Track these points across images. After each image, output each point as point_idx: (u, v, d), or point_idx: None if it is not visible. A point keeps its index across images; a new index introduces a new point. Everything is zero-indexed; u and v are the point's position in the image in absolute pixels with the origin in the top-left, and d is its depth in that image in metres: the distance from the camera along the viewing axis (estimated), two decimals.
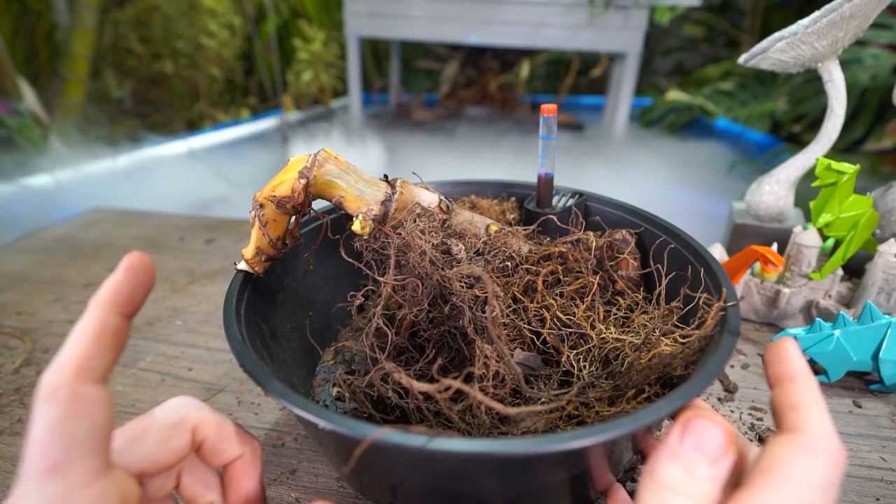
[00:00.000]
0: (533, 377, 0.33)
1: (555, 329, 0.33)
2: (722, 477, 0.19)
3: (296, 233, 0.34)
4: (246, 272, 0.33)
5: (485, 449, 0.19)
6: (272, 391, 0.23)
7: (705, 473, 0.19)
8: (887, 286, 0.47)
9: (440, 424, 0.29)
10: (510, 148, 2.10)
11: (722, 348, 0.25)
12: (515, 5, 1.92)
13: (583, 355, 0.32)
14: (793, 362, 0.21)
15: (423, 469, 0.24)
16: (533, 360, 0.33)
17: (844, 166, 0.46)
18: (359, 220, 0.31)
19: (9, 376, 0.45)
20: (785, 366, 0.21)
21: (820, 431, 0.19)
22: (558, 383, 0.32)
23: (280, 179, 0.31)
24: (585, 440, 0.19)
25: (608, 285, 0.37)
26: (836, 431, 0.19)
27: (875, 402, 0.42)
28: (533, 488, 0.24)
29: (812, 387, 0.21)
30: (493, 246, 0.34)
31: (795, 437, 0.19)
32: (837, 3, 0.45)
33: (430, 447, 0.19)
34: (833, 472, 0.18)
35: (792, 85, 1.82)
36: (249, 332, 0.29)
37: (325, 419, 0.21)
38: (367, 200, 0.32)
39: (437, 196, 0.35)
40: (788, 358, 0.21)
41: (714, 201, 1.54)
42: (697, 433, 0.19)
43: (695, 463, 0.19)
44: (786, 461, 0.18)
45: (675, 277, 0.35)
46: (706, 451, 0.19)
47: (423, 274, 0.30)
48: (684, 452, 0.19)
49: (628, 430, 0.20)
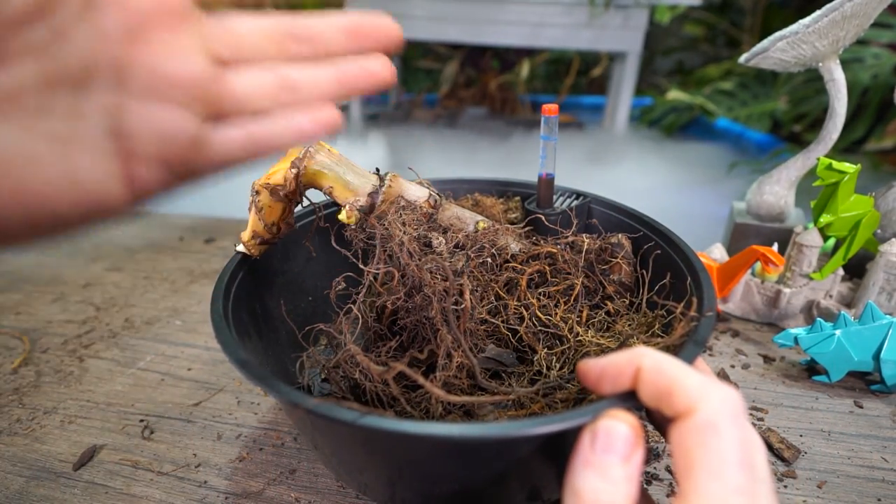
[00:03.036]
0: (504, 373, 0.33)
1: (532, 328, 0.33)
2: (637, 473, 0.19)
3: (290, 219, 0.35)
4: (243, 255, 0.34)
5: (410, 430, 0.20)
6: (230, 355, 0.25)
7: (620, 474, 0.19)
8: (888, 286, 0.47)
9: (421, 414, 0.30)
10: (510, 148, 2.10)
11: (682, 358, 0.24)
12: (515, 5, 1.92)
13: (556, 356, 0.33)
14: (618, 360, 0.21)
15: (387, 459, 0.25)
16: (506, 357, 0.33)
17: (845, 166, 0.45)
18: (345, 210, 0.33)
19: (8, 376, 0.45)
20: (623, 366, 0.21)
21: (706, 403, 0.18)
22: (529, 381, 0.33)
23: (275, 168, 0.33)
24: (491, 431, 0.20)
25: (598, 289, 0.36)
26: (711, 380, 0.19)
27: (876, 402, 0.42)
28: (494, 483, 0.24)
29: (656, 360, 0.20)
30: (476, 241, 0.34)
31: (691, 422, 0.18)
32: (838, 3, 0.45)
33: (360, 423, 0.20)
34: (740, 431, 0.18)
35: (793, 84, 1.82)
36: (236, 309, 0.31)
37: (269, 385, 0.22)
38: (355, 191, 0.33)
39: (427, 191, 0.35)
40: (613, 362, 0.21)
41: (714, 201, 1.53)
42: (605, 434, 0.19)
43: (608, 466, 0.19)
44: (698, 454, 0.18)
45: (666, 285, 0.34)
46: (616, 450, 0.19)
47: (402, 264, 0.31)
48: (596, 458, 0.19)
49: (529, 430, 0.20)
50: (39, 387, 0.44)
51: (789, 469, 0.36)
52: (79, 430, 0.39)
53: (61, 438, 0.39)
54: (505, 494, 0.26)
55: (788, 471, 0.36)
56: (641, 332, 0.32)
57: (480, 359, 0.32)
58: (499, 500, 0.27)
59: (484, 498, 0.26)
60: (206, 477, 0.35)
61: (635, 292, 0.37)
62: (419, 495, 0.28)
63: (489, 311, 0.34)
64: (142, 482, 0.35)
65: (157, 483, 0.35)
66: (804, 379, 0.45)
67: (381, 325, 0.34)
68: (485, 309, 0.33)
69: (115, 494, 0.34)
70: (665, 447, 0.37)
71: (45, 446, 0.38)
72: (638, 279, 0.37)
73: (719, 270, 0.49)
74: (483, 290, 0.34)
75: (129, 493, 0.34)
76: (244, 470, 0.36)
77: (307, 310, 0.40)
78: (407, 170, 0.39)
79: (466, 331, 0.30)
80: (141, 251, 0.69)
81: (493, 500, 0.27)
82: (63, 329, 0.52)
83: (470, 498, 0.26)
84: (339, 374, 0.31)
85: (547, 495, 0.27)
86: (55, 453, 0.37)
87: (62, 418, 0.41)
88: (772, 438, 0.38)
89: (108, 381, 0.45)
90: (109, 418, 0.41)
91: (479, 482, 0.24)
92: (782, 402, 0.42)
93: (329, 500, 0.34)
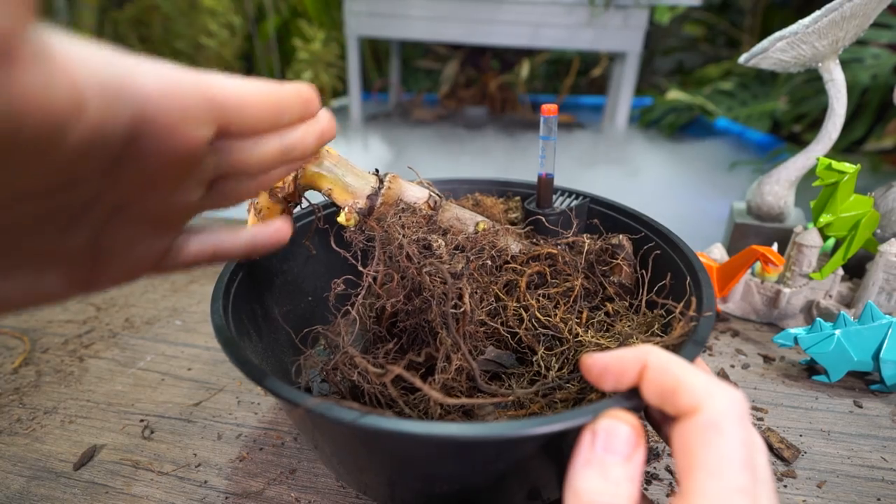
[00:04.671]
0: (504, 375, 0.33)
1: (532, 329, 0.33)
2: (638, 473, 0.19)
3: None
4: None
5: (411, 430, 0.20)
6: (230, 355, 0.25)
7: (621, 474, 0.18)
8: (888, 286, 0.47)
9: (420, 416, 0.30)
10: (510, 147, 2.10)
11: (683, 357, 0.25)
12: (515, 5, 1.92)
13: (555, 357, 0.33)
14: (623, 356, 0.21)
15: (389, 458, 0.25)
16: (506, 358, 0.33)
17: (845, 166, 0.45)
18: (344, 212, 0.33)
19: (8, 376, 0.45)
20: (627, 363, 0.21)
21: (711, 402, 0.18)
22: (529, 382, 0.33)
23: None
24: (487, 431, 0.20)
25: (598, 290, 0.36)
26: (716, 381, 0.19)
27: (876, 402, 0.42)
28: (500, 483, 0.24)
29: (661, 359, 0.20)
30: (475, 243, 0.34)
31: (695, 421, 0.18)
32: (838, 3, 0.45)
33: (360, 422, 0.20)
34: (744, 432, 0.18)
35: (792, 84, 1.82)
36: (236, 310, 0.31)
37: (269, 385, 0.22)
38: (354, 193, 0.33)
39: (427, 192, 0.35)
40: (617, 357, 0.21)
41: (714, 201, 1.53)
42: (607, 434, 0.19)
43: (609, 466, 0.19)
44: (701, 454, 0.18)
45: (666, 285, 0.35)
46: (617, 450, 0.19)
47: (401, 267, 0.31)
48: (597, 457, 0.19)
49: (521, 432, 0.20)
50: (40, 387, 0.44)
51: (789, 469, 0.36)
52: (79, 429, 0.40)
53: (61, 438, 0.39)
54: (505, 494, 0.26)
55: (788, 470, 0.36)
56: (641, 333, 0.32)
57: (480, 361, 0.32)
58: (498, 500, 0.27)
59: (484, 498, 0.26)
60: (207, 477, 0.35)
61: (635, 294, 0.37)
62: (419, 495, 0.28)
63: (489, 312, 0.34)
64: (142, 482, 0.35)
65: (157, 483, 0.35)
66: (804, 379, 0.45)
67: (381, 327, 0.34)
68: (484, 311, 0.33)
69: (116, 494, 0.34)
70: (665, 447, 0.37)
71: (45, 446, 0.38)
72: (638, 280, 0.37)
73: (719, 270, 0.49)
74: (483, 292, 0.34)
75: (129, 493, 0.34)
76: (244, 470, 0.36)
77: (307, 310, 0.40)
78: (407, 169, 0.39)
79: (466, 334, 0.30)
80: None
81: (493, 500, 0.27)
82: (63, 329, 0.52)
83: (470, 498, 0.26)
84: (338, 377, 0.31)
85: (546, 495, 0.27)
86: (55, 453, 0.37)
87: (62, 418, 0.41)
88: (771, 438, 0.38)
89: (108, 381, 0.45)
90: (109, 418, 0.41)
91: (478, 482, 0.24)
92: (782, 402, 0.42)
93: (329, 500, 0.34)
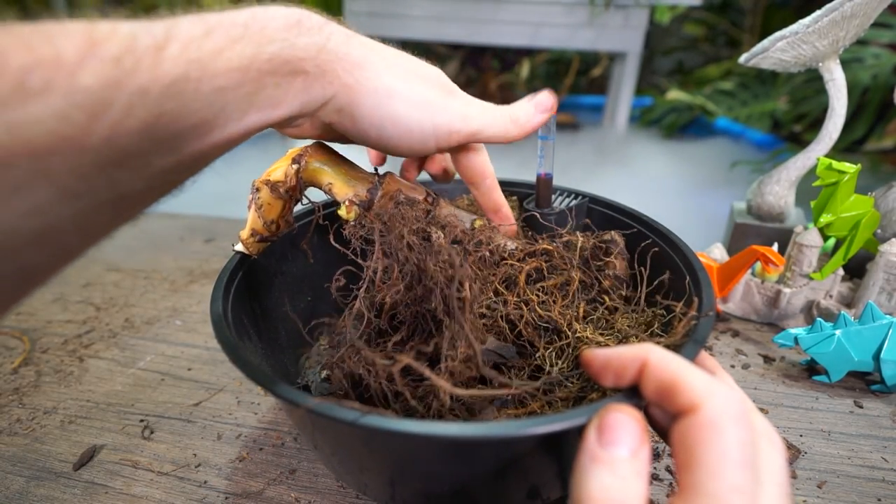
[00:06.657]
0: (504, 367, 0.33)
1: (532, 323, 0.33)
2: (645, 469, 0.18)
3: (289, 217, 0.35)
4: (242, 255, 0.34)
5: (411, 430, 0.20)
6: (230, 354, 0.25)
7: (629, 469, 0.18)
8: (888, 286, 0.47)
9: (425, 409, 0.29)
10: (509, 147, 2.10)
11: (683, 356, 0.25)
12: (515, 5, 1.92)
13: (556, 351, 0.33)
14: (624, 353, 0.21)
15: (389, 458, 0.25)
16: (507, 350, 0.33)
17: (845, 166, 0.45)
18: (345, 206, 0.33)
19: (8, 376, 0.45)
20: (628, 360, 0.21)
21: (710, 401, 0.18)
22: (529, 376, 0.33)
23: (275, 165, 0.33)
24: (488, 431, 0.20)
25: (594, 283, 0.36)
26: (716, 380, 0.19)
27: (876, 402, 0.42)
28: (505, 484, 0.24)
29: (662, 357, 0.20)
30: (473, 236, 0.34)
31: (695, 420, 0.18)
32: (838, 3, 0.45)
33: (360, 422, 0.20)
34: (743, 432, 0.18)
35: (793, 84, 1.82)
36: (236, 309, 0.31)
37: (269, 385, 0.22)
38: (354, 188, 0.33)
39: (424, 189, 0.36)
40: (619, 353, 0.21)
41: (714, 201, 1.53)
42: (611, 428, 0.19)
43: (617, 461, 0.18)
44: (699, 452, 0.18)
45: (664, 283, 0.35)
46: (624, 443, 0.18)
47: (401, 257, 0.31)
48: (604, 452, 0.18)
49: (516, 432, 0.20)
50: (39, 387, 0.44)
51: (789, 469, 0.36)
52: (79, 430, 0.39)
53: (61, 438, 0.39)
54: (505, 494, 0.26)
55: (788, 471, 0.36)
56: (641, 331, 0.32)
57: (482, 350, 0.32)
58: (499, 500, 0.27)
59: (484, 497, 0.26)
60: (206, 477, 0.35)
61: (631, 285, 0.37)
62: (419, 495, 0.28)
63: (488, 305, 0.34)
64: (142, 482, 0.35)
65: (157, 483, 0.35)
66: (804, 379, 0.45)
67: (381, 320, 0.34)
68: (484, 304, 0.33)
69: (115, 494, 0.34)
70: (665, 448, 0.37)
71: (45, 446, 0.38)
72: (635, 276, 0.37)
73: (719, 270, 0.49)
74: (481, 285, 0.34)
75: (129, 493, 0.34)
76: (244, 470, 0.36)
77: (306, 310, 0.40)
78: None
79: (469, 319, 0.30)
80: (141, 251, 0.69)
81: (493, 500, 0.27)
82: (63, 329, 0.52)
83: (470, 497, 0.26)
84: (343, 371, 0.31)
85: (547, 494, 0.27)
86: (55, 453, 0.37)
87: (62, 418, 0.41)
88: None
89: (108, 381, 0.45)
90: (109, 418, 0.41)
91: (478, 481, 0.24)
92: (782, 402, 0.42)
93: (329, 500, 0.34)
